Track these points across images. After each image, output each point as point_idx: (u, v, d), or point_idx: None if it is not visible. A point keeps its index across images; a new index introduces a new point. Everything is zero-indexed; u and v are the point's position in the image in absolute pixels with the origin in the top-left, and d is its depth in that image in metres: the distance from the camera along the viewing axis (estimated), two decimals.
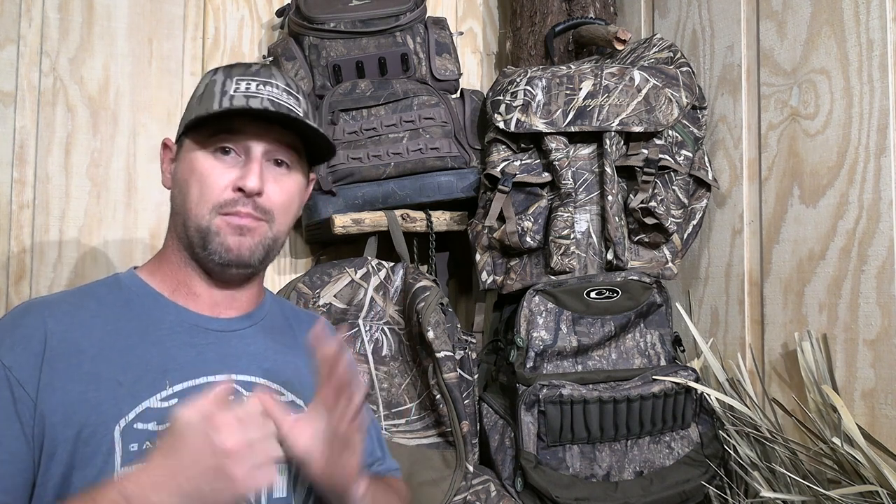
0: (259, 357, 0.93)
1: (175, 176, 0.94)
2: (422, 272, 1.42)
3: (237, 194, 0.88)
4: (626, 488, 1.27)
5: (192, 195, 0.89)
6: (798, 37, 1.30)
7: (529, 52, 1.65)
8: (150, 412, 0.82)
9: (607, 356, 1.34)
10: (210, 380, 0.86)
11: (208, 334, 0.91)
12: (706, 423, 1.34)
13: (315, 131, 0.92)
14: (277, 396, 0.90)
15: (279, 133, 0.91)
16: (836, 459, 1.12)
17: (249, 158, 0.90)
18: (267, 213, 0.90)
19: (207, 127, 0.90)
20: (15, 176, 1.38)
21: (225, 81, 0.91)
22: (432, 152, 1.45)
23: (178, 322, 0.90)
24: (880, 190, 1.15)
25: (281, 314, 1.03)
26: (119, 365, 0.84)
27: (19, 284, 1.37)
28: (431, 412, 1.30)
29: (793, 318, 1.28)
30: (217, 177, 0.89)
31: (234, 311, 0.95)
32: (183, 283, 0.92)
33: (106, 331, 0.86)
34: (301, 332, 1.02)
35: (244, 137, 0.90)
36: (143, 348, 0.86)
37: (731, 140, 1.43)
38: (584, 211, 1.37)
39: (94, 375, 0.82)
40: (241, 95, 0.89)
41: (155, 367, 0.85)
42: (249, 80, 0.91)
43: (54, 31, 1.43)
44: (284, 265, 1.59)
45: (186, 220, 0.90)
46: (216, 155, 0.90)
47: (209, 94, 0.92)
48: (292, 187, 0.94)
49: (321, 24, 1.48)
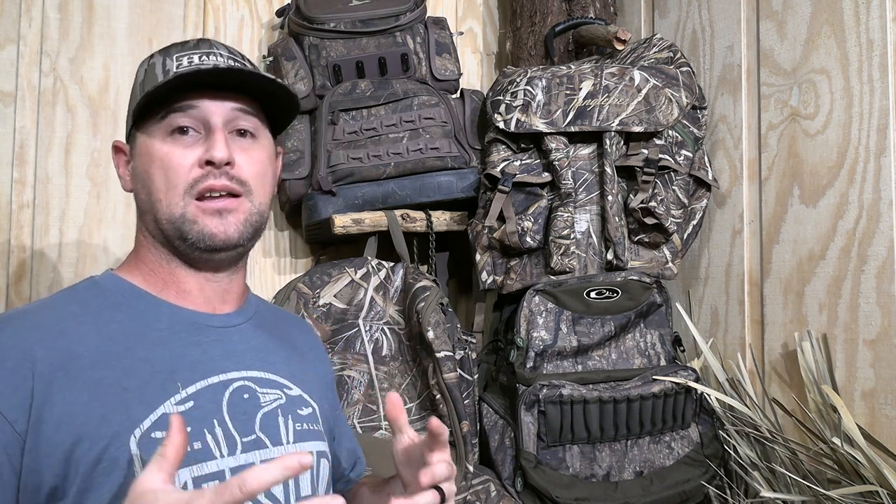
0: (262, 352, 0.89)
1: (134, 173, 0.86)
2: (422, 272, 1.42)
3: (206, 168, 0.82)
4: (626, 488, 1.27)
5: (157, 185, 0.82)
6: (798, 37, 1.30)
7: (529, 52, 1.65)
8: (166, 418, 0.75)
9: (607, 356, 1.34)
10: (222, 378, 0.82)
11: (210, 331, 0.85)
12: (706, 423, 1.34)
13: (275, 85, 0.85)
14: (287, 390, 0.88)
15: (236, 99, 0.85)
16: (836, 459, 1.12)
17: (210, 131, 0.83)
18: (243, 183, 0.84)
19: (157, 110, 0.83)
20: (15, 176, 1.38)
21: (165, 61, 0.85)
22: (432, 152, 1.45)
23: (175, 321, 0.84)
24: (880, 190, 1.15)
25: (268, 310, 0.99)
26: (122, 370, 0.77)
27: (19, 284, 1.37)
28: (431, 412, 1.29)
29: (793, 318, 1.28)
30: (180, 158, 0.82)
31: (227, 306, 0.89)
32: (170, 281, 0.86)
33: (100, 335, 0.79)
34: (291, 330, 1.00)
35: (199, 111, 0.83)
36: (144, 350, 0.79)
37: (731, 140, 1.43)
38: (584, 211, 1.37)
39: (96, 384, 0.75)
40: (185, 69, 0.83)
41: (162, 370, 0.79)
42: (191, 54, 0.85)
43: (54, 31, 1.43)
44: (284, 265, 1.59)
45: (157, 213, 0.83)
46: (174, 137, 0.83)
47: (151, 77, 0.85)
48: (262, 155, 0.87)
49: (321, 23, 1.48)
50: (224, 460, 0.78)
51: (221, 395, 0.81)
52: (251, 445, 0.80)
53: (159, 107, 0.83)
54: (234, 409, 0.81)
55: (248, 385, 0.84)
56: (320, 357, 1.04)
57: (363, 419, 1.29)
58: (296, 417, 0.87)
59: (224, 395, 0.81)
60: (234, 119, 0.85)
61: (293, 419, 0.86)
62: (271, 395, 0.85)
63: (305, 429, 0.87)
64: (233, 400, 0.81)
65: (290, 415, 0.86)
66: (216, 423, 0.79)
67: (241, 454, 0.79)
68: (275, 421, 0.84)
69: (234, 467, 0.78)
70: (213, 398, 0.80)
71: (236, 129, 0.85)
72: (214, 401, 0.80)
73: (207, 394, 0.80)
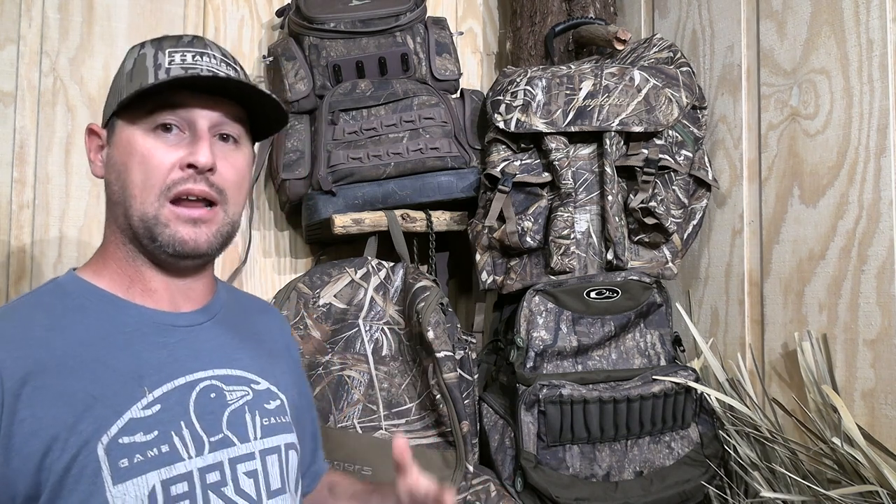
0: (229, 348, 0.89)
1: (109, 162, 0.85)
2: (422, 272, 1.42)
3: (187, 171, 0.81)
4: (626, 488, 1.27)
5: (134, 180, 0.81)
6: (798, 37, 1.30)
7: (529, 52, 1.65)
8: (133, 423, 0.76)
9: (607, 356, 1.34)
10: (189, 379, 0.82)
11: (175, 331, 0.85)
12: (706, 423, 1.34)
13: (265, 98, 0.86)
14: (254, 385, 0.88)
15: (224, 105, 0.85)
16: (836, 459, 1.12)
17: (196, 133, 0.82)
18: (221, 192, 0.83)
19: (145, 103, 0.82)
20: (15, 176, 1.38)
21: (157, 54, 0.84)
22: (432, 152, 1.45)
23: (140, 323, 0.83)
24: (880, 190, 1.15)
25: (236, 302, 0.98)
26: (89, 378, 0.76)
27: (19, 284, 1.37)
28: (431, 412, 1.29)
29: (793, 318, 1.28)
30: (161, 156, 0.81)
31: (193, 303, 0.89)
32: (136, 279, 0.85)
33: (66, 342, 0.78)
34: (259, 321, 0.99)
35: (187, 111, 0.82)
36: (110, 356, 0.79)
37: (731, 140, 1.43)
38: (584, 211, 1.37)
39: (63, 394, 0.75)
40: (178, 67, 0.82)
41: (128, 375, 0.79)
42: (184, 52, 0.84)
43: (54, 31, 1.43)
44: (284, 265, 1.59)
45: (129, 208, 0.82)
46: (157, 133, 0.82)
47: (140, 69, 0.84)
48: (242, 163, 0.87)
49: (321, 24, 1.48)
50: (192, 461, 0.79)
51: (188, 396, 0.81)
52: (219, 444, 0.81)
53: (147, 100, 0.82)
54: (200, 409, 0.81)
55: (215, 384, 0.84)
56: (287, 343, 1.04)
57: (363, 419, 1.29)
58: (263, 412, 0.88)
59: (191, 396, 0.82)
60: (219, 124, 0.85)
61: (260, 414, 0.87)
62: (238, 392, 0.86)
63: (273, 422, 0.88)
64: (199, 400, 0.82)
65: (258, 410, 0.87)
66: (183, 425, 0.79)
67: (208, 454, 0.80)
68: (241, 418, 0.85)
69: (202, 467, 0.79)
70: (180, 400, 0.81)
71: (220, 133, 0.85)
72: (181, 403, 0.81)
73: (174, 396, 0.80)
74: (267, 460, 0.86)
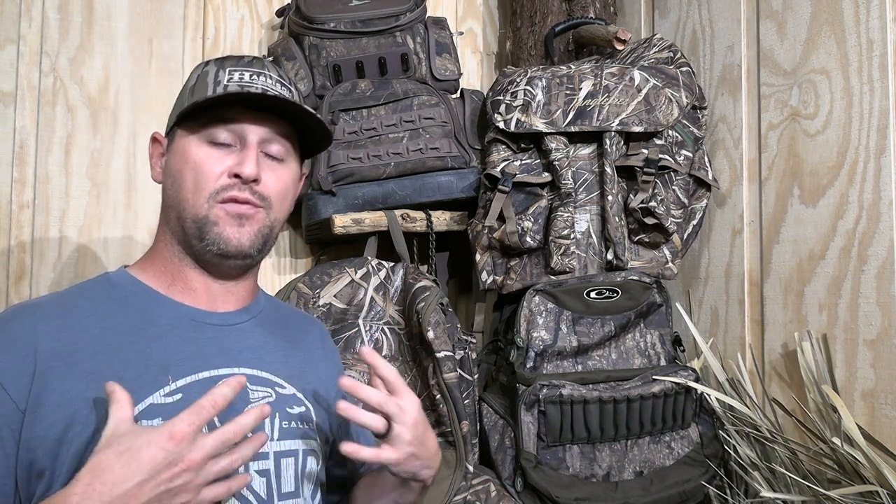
0: (259, 350, 0.92)
1: (167, 168, 0.92)
2: (422, 272, 1.42)
3: (233, 180, 0.87)
4: (626, 488, 1.27)
5: (187, 185, 0.88)
6: (798, 37, 1.30)
7: (529, 52, 1.65)
8: (153, 408, 0.81)
9: (607, 356, 1.34)
10: (213, 374, 0.86)
11: (207, 328, 0.89)
12: (706, 423, 1.34)
13: (312, 118, 0.92)
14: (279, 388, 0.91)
15: (274, 122, 0.91)
16: (836, 459, 1.12)
17: (245, 146, 0.89)
18: (265, 199, 0.89)
19: (201, 116, 0.89)
20: (15, 176, 1.38)
21: (218, 72, 0.91)
22: (432, 152, 1.45)
23: (176, 317, 0.88)
24: (880, 190, 1.15)
25: (275, 310, 1.03)
26: (119, 362, 0.82)
27: (19, 284, 1.37)
28: (431, 412, 1.29)
29: (793, 318, 1.28)
30: (212, 165, 0.87)
31: (231, 304, 0.94)
32: (178, 277, 0.91)
33: (102, 328, 0.84)
34: (297, 330, 1.02)
35: (239, 126, 0.89)
36: (142, 344, 0.84)
37: (731, 140, 1.43)
38: (584, 211, 1.37)
39: (93, 374, 0.80)
40: (236, 85, 0.89)
41: (156, 363, 0.83)
42: (243, 71, 0.91)
43: (54, 31, 1.43)
44: (284, 265, 1.59)
45: (182, 211, 0.88)
46: (210, 144, 0.89)
47: (202, 84, 0.90)
48: (287, 176, 0.93)
49: (321, 24, 1.48)
50: None
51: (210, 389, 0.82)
52: None
53: (203, 113, 0.88)
54: None
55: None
56: (329, 356, 1.06)
57: None
58: (284, 415, 0.90)
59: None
60: (268, 140, 0.90)
61: (280, 417, 0.89)
62: (261, 393, 0.89)
63: (293, 427, 0.90)
64: None
65: (279, 412, 0.89)
66: None
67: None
68: None
69: None
70: (202, 392, 0.81)
71: (268, 151, 0.91)
72: (202, 395, 0.81)
73: (196, 388, 0.83)
74: (282, 462, 0.88)
